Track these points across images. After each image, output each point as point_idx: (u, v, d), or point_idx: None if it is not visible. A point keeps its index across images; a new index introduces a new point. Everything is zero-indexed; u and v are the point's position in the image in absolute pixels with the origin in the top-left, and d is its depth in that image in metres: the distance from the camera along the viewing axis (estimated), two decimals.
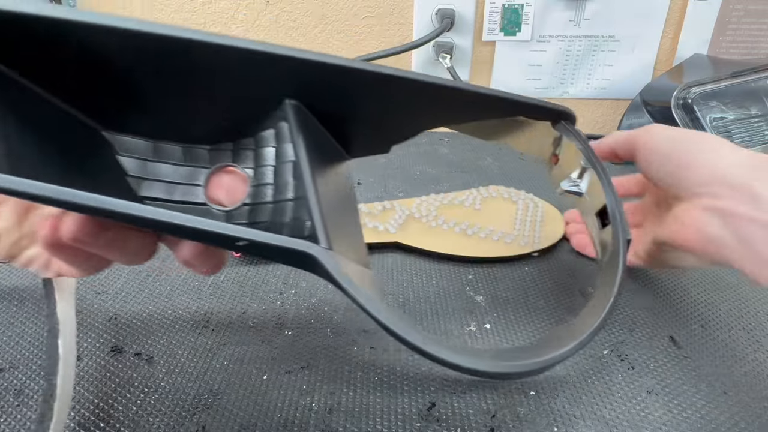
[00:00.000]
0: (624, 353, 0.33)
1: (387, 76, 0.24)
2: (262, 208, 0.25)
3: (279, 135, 0.24)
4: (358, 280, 0.23)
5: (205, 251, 0.23)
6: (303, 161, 0.23)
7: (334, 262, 0.22)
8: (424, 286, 0.40)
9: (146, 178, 0.25)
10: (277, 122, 0.24)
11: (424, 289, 0.39)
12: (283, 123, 0.24)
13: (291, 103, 0.24)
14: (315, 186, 0.23)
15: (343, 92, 0.24)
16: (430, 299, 0.38)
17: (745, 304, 0.38)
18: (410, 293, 0.39)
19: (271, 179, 0.26)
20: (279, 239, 0.21)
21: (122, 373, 0.31)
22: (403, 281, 0.40)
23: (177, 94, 0.24)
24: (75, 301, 0.24)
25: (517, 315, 0.37)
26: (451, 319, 0.36)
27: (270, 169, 0.25)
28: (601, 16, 0.73)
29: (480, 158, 0.68)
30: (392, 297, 0.38)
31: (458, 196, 0.50)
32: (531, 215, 0.48)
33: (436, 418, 0.28)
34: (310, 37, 0.75)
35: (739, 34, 0.74)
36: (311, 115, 0.25)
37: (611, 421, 0.28)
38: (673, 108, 0.59)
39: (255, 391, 0.29)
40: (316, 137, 0.26)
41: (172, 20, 0.73)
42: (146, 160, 0.25)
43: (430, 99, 0.28)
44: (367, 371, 0.31)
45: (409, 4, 0.73)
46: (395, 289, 0.39)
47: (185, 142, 0.26)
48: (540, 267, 0.43)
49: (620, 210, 0.31)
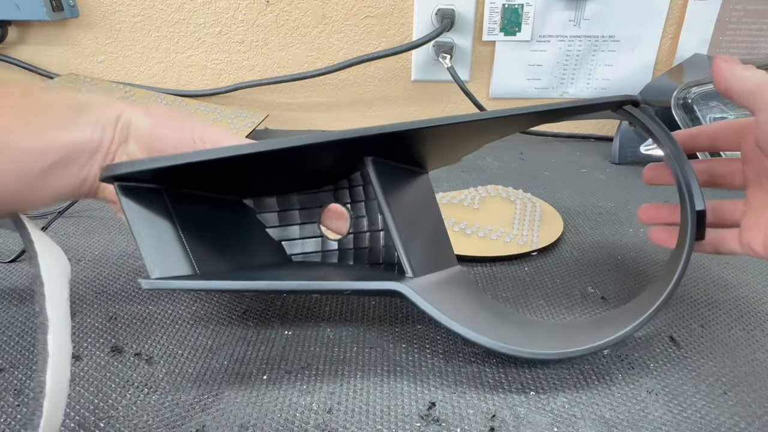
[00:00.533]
0: (624, 353, 0.33)
1: (443, 126, 0.29)
2: (362, 236, 0.36)
3: (364, 177, 0.31)
4: (443, 292, 0.31)
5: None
6: (383, 202, 0.31)
7: (419, 296, 0.29)
8: None
9: (279, 225, 0.36)
10: (363, 168, 0.32)
11: None
12: (365, 169, 0.31)
13: (369, 159, 0.31)
14: (395, 222, 0.31)
15: (409, 143, 0.31)
16: None
17: (745, 304, 0.38)
18: None
19: (364, 212, 0.35)
20: (375, 284, 0.30)
21: (122, 373, 0.31)
22: None
23: (294, 170, 0.33)
24: (68, 298, 0.24)
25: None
26: None
27: (362, 204, 0.35)
28: (601, 16, 0.73)
29: (480, 158, 0.68)
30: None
31: (457, 195, 0.50)
32: (529, 214, 0.48)
33: (436, 418, 0.28)
34: (310, 37, 0.75)
35: (739, 34, 0.74)
36: (387, 161, 0.32)
37: (611, 421, 0.28)
38: (673, 108, 0.59)
39: (255, 391, 0.29)
40: (393, 175, 0.33)
41: (172, 19, 0.73)
42: (277, 212, 0.36)
43: (489, 126, 0.32)
44: (367, 371, 0.31)
45: (409, 4, 0.73)
46: None
47: (299, 191, 0.36)
48: (540, 266, 0.43)
49: (691, 178, 0.31)
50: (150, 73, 0.77)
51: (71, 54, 0.75)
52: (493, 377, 0.31)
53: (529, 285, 0.40)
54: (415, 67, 0.76)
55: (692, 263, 0.43)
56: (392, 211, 0.31)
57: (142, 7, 0.73)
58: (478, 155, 0.69)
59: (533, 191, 0.53)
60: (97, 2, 0.72)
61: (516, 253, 0.43)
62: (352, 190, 0.35)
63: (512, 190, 0.52)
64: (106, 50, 0.75)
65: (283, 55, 0.76)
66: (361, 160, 0.32)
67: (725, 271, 0.42)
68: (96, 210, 0.51)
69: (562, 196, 0.56)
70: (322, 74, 0.73)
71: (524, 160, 0.68)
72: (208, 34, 0.75)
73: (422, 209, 0.36)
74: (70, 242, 0.45)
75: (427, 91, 0.79)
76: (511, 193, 0.51)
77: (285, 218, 0.37)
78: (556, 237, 0.45)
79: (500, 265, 0.43)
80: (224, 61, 0.76)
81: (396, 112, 0.80)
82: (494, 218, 0.47)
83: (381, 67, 0.77)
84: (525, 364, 0.31)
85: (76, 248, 0.44)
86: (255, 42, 0.75)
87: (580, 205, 0.54)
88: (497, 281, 0.41)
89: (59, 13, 0.70)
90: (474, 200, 0.49)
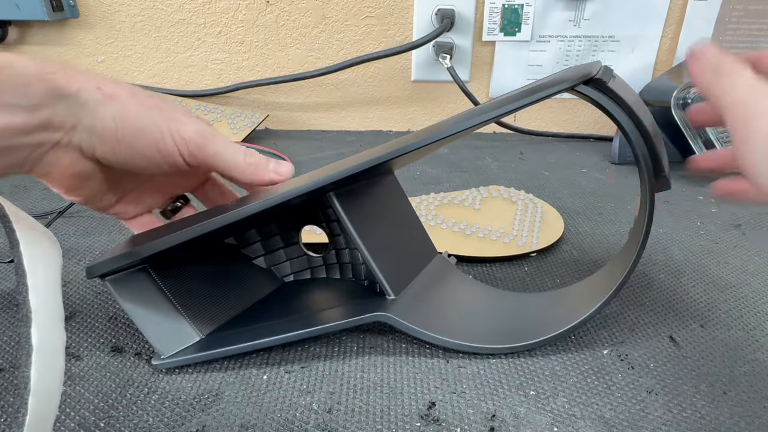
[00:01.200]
0: (624, 353, 0.33)
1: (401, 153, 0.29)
2: (342, 252, 0.37)
3: (331, 201, 0.32)
4: (427, 301, 0.34)
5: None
6: (353, 234, 0.32)
7: (402, 321, 0.31)
8: None
9: (264, 253, 0.38)
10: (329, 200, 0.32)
11: None
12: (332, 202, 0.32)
13: (332, 194, 0.32)
14: (368, 249, 0.32)
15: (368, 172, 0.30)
16: None
17: (745, 304, 0.38)
18: None
19: (339, 231, 0.36)
20: (359, 320, 0.31)
21: (122, 373, 0.31)
22: None
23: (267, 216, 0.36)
24: (59, 287, 0.23)
25: None
26: None
27: (336, 224, 0.36)
28: (601, 17, 0.73)
29: (480, 158, 0.68)
30: None
31: (458, 196, 0.50)
32: (530, 215, 0.48)
33: (436, 418, 0.28)
34: (310, 37, 0.75)
35: (739, 34, 0.74)
36: (351, 186, 0.33)
37: (611, 421, 0.28)
38: (673, 108, 0.59)
39: (255, 391, 0.29)
40: (359, 197, 0.34)
41: (173, 20, 0.73)
42: (259, 241, 0.37)
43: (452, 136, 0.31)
44: (367, 371, 0.31)
45: (409, 4, 0.73)
46: None
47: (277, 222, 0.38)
48: (540, 266, 0.43)
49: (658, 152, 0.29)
50: (150, 73, 0.77)
51: (71, 54, 0.75)
52: (493, 377, 0.31)
53: (529, 285, 0.40)
54: (415, 67, 0.76)
55: (692, 263, 0.43)
56: (364, 240, 0.32)
57: (143, 7, 0.73)
58: (477, 155, 0.69)
59: (533, 191, 0.53)
60: (97, 2, 0.72)
61: (515, 254, 0.43)
62: (325, 211, 0.36)
63: (514, 190, 0.52)
64: (106, 50, 0.75)
65: (283, 55, 0.76)
66: (325, 195, 0.32)
67: (725, 271, 0.42)
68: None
69: (562, 196, 0.56)
70: (322, 74, 0.73)
71: (524, 160, 0.68)
72: (209, 35, 0.75)
73: (394, 215, 0.37)
74: (70, 242, 0.45)
75: (427, 91, 0.79)
76: (513, 193, 0.51)
77: (268, 246, 0.38)
78: (555, 238, 0.45)
79: (500, 265, 0.43)
80: (224, 61, 0.76)
81: (396, 112, 0.80)
82: (495, 219, 0.47)
83: (381, 67, 0.77)
84: (525, 364, 0.31)
85: (76, 248, 0.44)
86: (255, 42, 0.75)
87: (580, 205, 0.54)
88: (497, 281, 0.41)
89: (59, 13, 0.70)
90: (475, 201, 0.49)
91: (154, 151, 0.29)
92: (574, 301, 0.34)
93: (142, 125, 0.28)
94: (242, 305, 0.35)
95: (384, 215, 0.36)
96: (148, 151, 0.29)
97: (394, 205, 0.37)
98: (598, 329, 0.35)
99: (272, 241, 0.38)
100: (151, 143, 0.29)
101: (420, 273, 0.36)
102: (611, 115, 0.29)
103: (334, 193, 0.32)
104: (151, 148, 0.29)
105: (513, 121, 0.80)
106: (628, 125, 0.29)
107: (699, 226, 0.50)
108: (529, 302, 0.37)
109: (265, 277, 0.37)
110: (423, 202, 0.49)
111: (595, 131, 0.80)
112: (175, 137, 0.29)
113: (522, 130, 0.79)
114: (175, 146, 0.29)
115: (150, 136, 0.28)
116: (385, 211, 0.36)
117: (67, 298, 0.37)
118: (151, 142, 0.29)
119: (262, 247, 0.38)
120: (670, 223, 0.50)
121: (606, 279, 0.33)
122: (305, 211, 0.37)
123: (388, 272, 0.33)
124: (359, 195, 0.34)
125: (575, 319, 0.32)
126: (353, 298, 0.35)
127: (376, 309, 0.32)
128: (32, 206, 0.52)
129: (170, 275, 0.32)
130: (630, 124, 0.29)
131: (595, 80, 0.28)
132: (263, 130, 0.79)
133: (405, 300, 0.33)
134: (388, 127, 0.82)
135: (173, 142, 0.29)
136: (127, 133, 0.28)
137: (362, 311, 0.32)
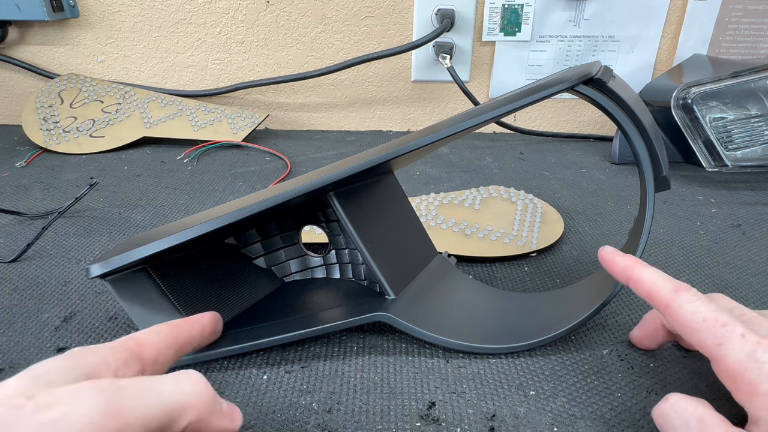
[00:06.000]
0: (624, 353, 0.33)
1: (401, 153, 0.29)
2: (342, 252, 0.37)
3: (331, 201, 0.32)
4: (427, 301, 0.34)
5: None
6: (353, 234, 0.32)
7: (402, 321, 0.31)
8: None
9: (264, 253, 0.38)
10: (329, 200, 0.33)
11: None
12: (332, 202, 0.32)
13: (332, 194, 0.32)
14: (369, 250, 0.33)
15: (367, 172, 0.30)
16: None
17: (745, 304, 0.38)
18: None
19: (339, 231, 0.36)
20: (359, 320, 0.31)
21: None
22: None
23: (266, 217, 0.36)
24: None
25: None
26: None
27: (336, 224, 0.36)
28: (600, 17, 0.73)
29: (479, 158, 0.68)
30: None
31: (458, 196, 0.50)
32: (530, 215, 0.48)
33: (435, 418, 0.28)
34: (310, 37, 0.75)
35: (739, 34, 0.74)
36: (351, 186, 0.33)
37: (611, 421, 0.28)
38: (673, 108, 0.59)
39: (255, 391, 0.29)
40: (359, 197, 0.34)
41: (173, 20, 0.73)
42: (259, 241, 0.37)
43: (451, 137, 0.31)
44: (367, 371, 0.31)
45: (409, 4, 0.73)
46: None
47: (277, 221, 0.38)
48: (540, 266, 0.43)
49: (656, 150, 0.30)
50: (150, 73, 0.77)
51: (71, 54, 0.76)
52: (493, 377, 0.31)
53: (529, 285, 0.40)
54: (415, 68, 0.76)
55: (692, 263, 0.43)
56: (364, 240, 0.33)
57: (143, 7, 0.73)
58: (478, 155, 0.69)
59: (533, 191, 0.53)
60: (97, 2, 0.72)
61: (515, 254, 0.43)
62: (325, 211, 0.36)
63: (514, 191, 0.52)
64: (106, 50, 0.76)
65: (283, 55, 0.76)
66: (325, 195, 0.32)
67: (725, 271, 0.42)
68: (96, 210, 0.51)
69: (562, 196, 0.56)
70: (322, 74, 0.73)
71: (524, 160, 0.68)
72: (209, 35, 0.75)
73: (394, 215, 0.37)
74: (70, 242, 0.45)
75: (427, 91, 0.79)
76: (513, 194, 0.51)
77: (268, 245, 0.38)
78: (555, 238, 0.45)
79: (500, 265, 0.43)
80: (224, 61, 0.76)
81: (396, 112, 0.80)
82: (495, 219, 0.47)
83: (381, 67, 0.77)
84: (525, 364, 0.32)
85: (76, 248, 0.44)
86: (255, 42, 0.75)
87: (580, 205, 0.54)
88: (497, 281, 0.41)
89: (59, 13, 0.70)
90: (475, 201, 0.49)
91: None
92: (574, 301, 0.34)
93: None
94: (242, 305, 0.35)
95: (384, 215, 0.36)
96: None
97: (394, 205, 0.37)
98: (598, 329, 0.35)
99: (272, 241, 0.38)
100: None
101: (420, 273, 0.36)
102: (611, 115, 0.29)
103: (334, 193, 0.32)
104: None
105: (513, 121, 0.80)
106: (628, 125, 0.29)
107: (699, 226, 0.50)
108: (529, 302, 0.37)
109: (265, 277, 0.37)
110: (423, 202, 0.49)
111: (595, 131, 0.80)
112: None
113: (522, 130, 0.79)
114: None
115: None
116: (385, 211, 0.36)
117: (67, 298, 0.37)
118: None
119: (262, 247, 0.38)
120: (670, 223, 0.50)
121: (606, 279, 0.33)
122: (305, 211, 0.37)
123: (388, 272, 0.33)
124: (359, 195, 0.34)
125: (575, 319, 0.32)
126: (353, 298, 0.35)
127: (376, 309, 0.32)
128: (32, 206, 0.52)
129: (170, 275, 0.32)
130: (630, 124, 0.29)
131: (594, 80, 0.28)
132: (263, 130, 0.79)
133: (405, 300, 0.33)
134: (388, 127, 0.82)
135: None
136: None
137: (362, 311, 0.32)
